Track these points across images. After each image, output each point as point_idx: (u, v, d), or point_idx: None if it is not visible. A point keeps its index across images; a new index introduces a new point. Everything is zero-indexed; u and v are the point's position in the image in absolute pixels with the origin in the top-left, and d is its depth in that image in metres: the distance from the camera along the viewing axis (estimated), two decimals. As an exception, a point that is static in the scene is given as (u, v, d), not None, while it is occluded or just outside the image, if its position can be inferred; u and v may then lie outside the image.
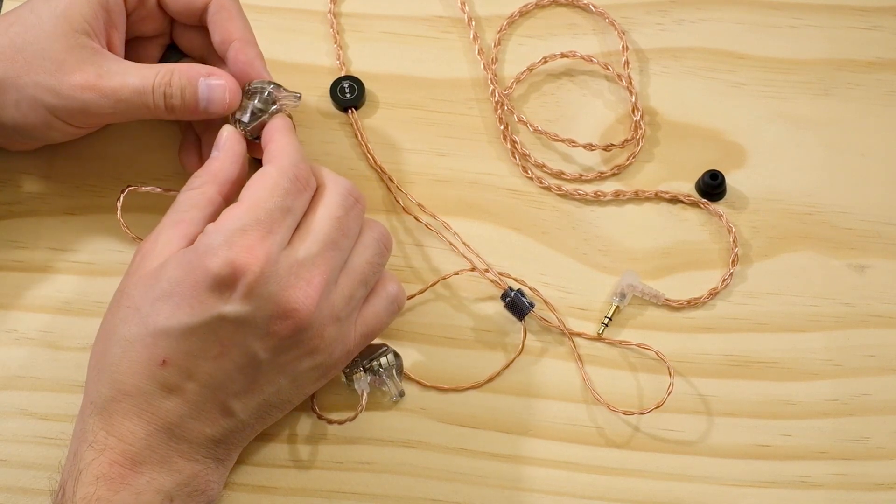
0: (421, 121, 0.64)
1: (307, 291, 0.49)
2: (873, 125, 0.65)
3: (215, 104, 0.54)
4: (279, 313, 0.48)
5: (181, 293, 0.48)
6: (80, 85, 0.52)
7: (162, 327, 0.48)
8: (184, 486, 0.49)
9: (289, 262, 0.49)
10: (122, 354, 0.48)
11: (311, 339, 0.50)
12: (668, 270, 0.61)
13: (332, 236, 0.51)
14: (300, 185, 0.51)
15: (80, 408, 0.50)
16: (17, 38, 0.53)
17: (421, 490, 0.56)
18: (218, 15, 0.56)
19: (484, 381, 0.58)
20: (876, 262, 0.62)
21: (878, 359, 0.59)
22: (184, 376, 0.48)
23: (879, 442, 0.58)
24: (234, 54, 0.56)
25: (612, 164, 0.63)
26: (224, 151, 0.53)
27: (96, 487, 0.47)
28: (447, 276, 0.59)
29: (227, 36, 0.56)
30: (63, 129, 0.55)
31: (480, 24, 0.67)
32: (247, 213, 0.49)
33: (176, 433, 0.49)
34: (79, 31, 0.53)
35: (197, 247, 0.48)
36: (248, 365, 0.49)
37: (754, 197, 0.63)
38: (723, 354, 0.59)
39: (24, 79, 0.52)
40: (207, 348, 0.48)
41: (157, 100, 0.53)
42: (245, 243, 0.48)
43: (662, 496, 0.56)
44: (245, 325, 0.48)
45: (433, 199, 0.62)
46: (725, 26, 0.67)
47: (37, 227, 0.60)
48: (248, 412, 0.51)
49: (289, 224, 0.50)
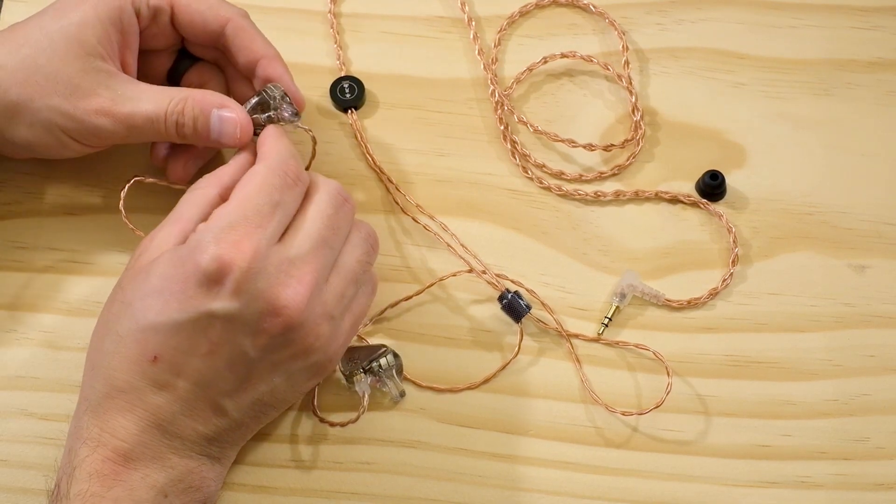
0: (421, 121, 0.64)
1: (298, 289, 0.49)
2: (873, 125, 0.65)
3: (226, 137, 0.54)
4: (269, 310, 0.48)
5: (170, 289, 0.48)
6: (94, 110, 0.53)
7: (152, 323, 0.48)
8: (178, 483, 0.49)
9: (279, 259, 0.49)
10: (115, 350, 0.49)
11: (305, 337, 0.50)
12: (668, 270, 0.61)
13: (323, 234, 0.51)
14: (289, 181, 0.51)
15: (76, 405, 0.50)
16: (29, 61, 0.53)
17: (421, 490, 0.56)
18: (238, 38, 0.56)
19: (479, 383, 0.58)
20: (876, 262, 0.62)
21: (878, 359, 0.59)
22: (174, 373, 0.48)
23: (879, 442, 0.58)
24: (262, 72, 0.56)
25: (613, 165, 0.63)
26: (236, 159, 0.54)
27: (90, 484, 0.47)
28: (444, 278, 0.59)
29: (251, 56, 0.56)
30: (77, 148, 0.55)
31: (480, 24, 0.67)
32: (235, 209, 0.49)
33: (169, 430, 0.49)
34: (92, 54, 0.53)
35: (188, 243, 0.49)
36: (238, 363, 0.49)
37: (754, 197, 0.63)
38: (723, 354, 0.59)
39: (37, 102, 0.53)
40: (197, 345, 0.48)
41: (170, 127, 0.54)
42: (232, 238, 0.48)
43: (662, 496, 0.56)
44: (234, 321, 0.48)
45: (433, 199, 0.62)
46: (725, 26, 0.67)
47: (37, 227, 0.60)
48: (242, 411, 0.51)
49: (279, 219, 0.50)
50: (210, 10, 0.56)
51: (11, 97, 0.53)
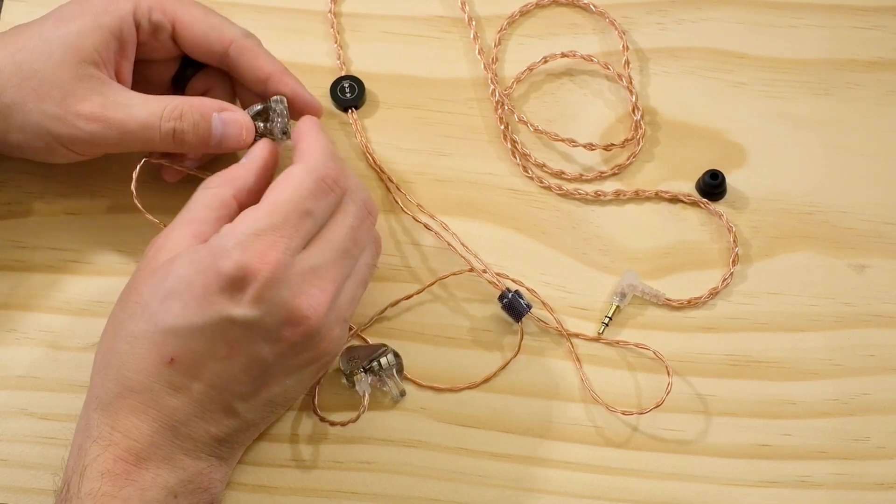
0: (421, 121, 0.64)
1: (319, 299, 0.49)
2: (873, 125, 0.65)
3: (230, 140, 0.54)
4: (290, 319, 0.49)
5: (191, 292, 0.48)
6: (85, 115, 0.52)
7: (171, 325, 0.48)
8: (188, 483, 0.49)
9: (302, 268, 0.49)
10: (130, 350, 0.48)
11: (320, 342, 0.50)
12: (668, 270, 0.61)
13: (346, 245, 0.51)
14: (326, 187, 0.50)
15: (84, 402, 0.50)
16: (25, 66, 0.52)
17: (421, 490, 0.56)
18: (242, 58, 0.56)
19: (480, 382, 0.58)
20: (876, 262, 0.62)
21: (878, 359, 0.59)
22: (191, 376, 0.48)
23: (879, 442, 0.58)
24: (275, 87, 0.56)
25: (613, 164, 0.63)
26: (251, 160, 0.54)
27: (101, 483, 0.47)
28: (445, 277, 0.59)
29: (259, 75, 0.56)
30: (66, 154, 0.55)
31: (480, 24, 0.67)
32: (264, 216, 0.49)
33: (181, 431, 0.49)
34: (87, 60, 0.53)
35: (210, 246, 0.48)
36: (254, 367, 0.49)
37: (754, 197, 0.63)
38: (723, 354, 0.59)
39: (30, 106, 0.52)
40: (215, 349, 0.48)
41: (165, 134, 0.53)
42: (258, 247, 0.48)
43: (662, 496, 0.56)
44: (254, 328, 0.48)
45: (433, 199, 0.62)
46: (725, 26, 0.67)
47: (37, 227, 0.60)
48: (254, 412, 0.51)
49: (307, 228, 0.50)
50: (213, 31, 0.55)
51: (5, 100, 0.52)
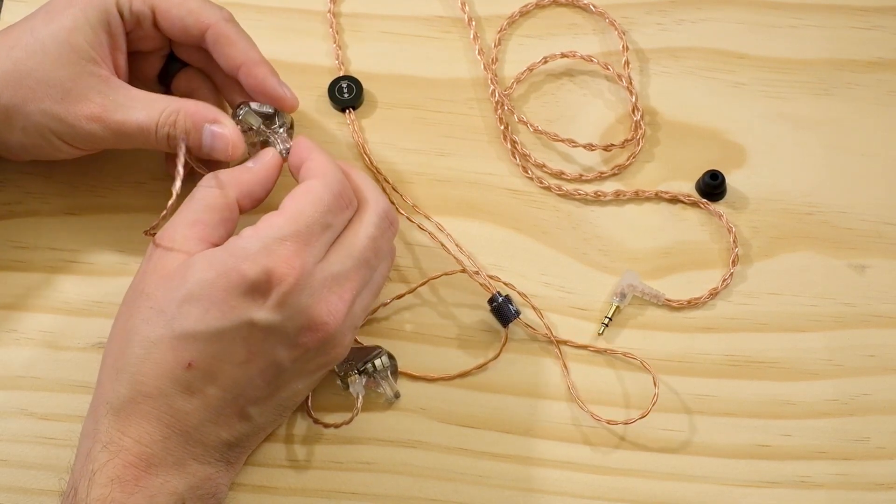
0: (421, 121, 0.64)
1: (338, 306, 0.50)
2: (873, 125, 0.65)
3: (217, 153, 0.54)
4: (309, 325, 0.49)
5: (211, 296, 0.47)
6: (85, 115, 0.53)
7: (190, 330, 0.48)
8: (196, 489, 0.49)
9: (323, 276, 0.49)
10: (145, 355, 0.48)
11: (333, 348, 0.51)
12: (668, 270, 0.61)
13: (366, 255, 0.51)
14: (343, 203, 0.51)
15: (92, 407, 0.50)
16: (20, 65, 0.52)
17: (421, 490, 0.56)
18: (218, 44, 0.56)
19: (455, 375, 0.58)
20: (876, 262, 0.62)
21: (878, 359, 0.59)
22: (207, 380, 0.48)
23: (879, 442, 0.58)
24: (245, 79, 0.56)
25: (613, 164, 0.63)
26: (260, 166, 0.53)
27: (111, 489, 0.47)
28: (436, 277, 0.59)
29: (232, 62, 0.56)
30: (69, 150, 0.55)
31: (480, 24, 0.67)
32: (287, 223, 0.49)
33: (193, 436, 0.49)
34: (85, 58, 0.53)
35: (231, 250, 0.48)
36: (271, 372, 0.50)
37: (754, 197, 0.63)
38: (723, 354, 0.59)
39: (30, 106, 0.52)
40: (234, 353, 0.48)
41: (161, 138, 0.53)
42: (283, 253, 0.48)
43: (662, 496, 0.56)
44: (274, 333, 0.48)
45: (433, 199, 0.62)
46: (725, 26, 0.67)
47: (37, 227, 0.60)
48: (265, 416, 0.51)
49: (326, 239, 0.50)
50: (190, 14, 0.55)
51: (4, 101, 0.52)
